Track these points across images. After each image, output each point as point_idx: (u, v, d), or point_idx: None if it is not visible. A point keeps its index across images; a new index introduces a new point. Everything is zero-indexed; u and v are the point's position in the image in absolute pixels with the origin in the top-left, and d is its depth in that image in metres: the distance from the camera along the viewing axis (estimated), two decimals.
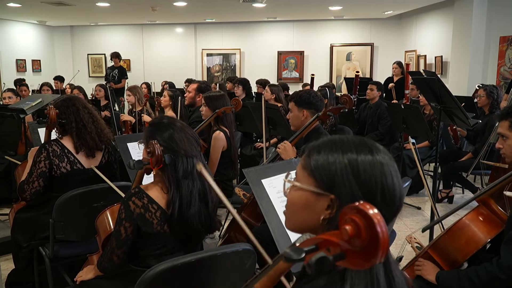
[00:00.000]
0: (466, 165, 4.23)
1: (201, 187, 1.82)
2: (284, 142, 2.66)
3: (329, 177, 0.89)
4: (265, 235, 2.13)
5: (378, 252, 0.70)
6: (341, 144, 0.92)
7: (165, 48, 11.15)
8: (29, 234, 2.50)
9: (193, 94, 4.28)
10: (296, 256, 0.74)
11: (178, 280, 1.57)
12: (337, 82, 10.25)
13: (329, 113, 2.70)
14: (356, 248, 0.72)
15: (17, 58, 10.17)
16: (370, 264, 0.71)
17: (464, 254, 1.86)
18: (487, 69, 6.88)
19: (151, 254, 1.79)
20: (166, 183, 1.76)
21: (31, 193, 2.39)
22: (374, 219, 0.70)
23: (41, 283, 2.57)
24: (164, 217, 1.74)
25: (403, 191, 0.93)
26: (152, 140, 1.76)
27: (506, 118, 1.94)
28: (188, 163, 1.78)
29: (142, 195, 1.75)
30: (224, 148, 3.29)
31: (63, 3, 7.65)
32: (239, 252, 1.65)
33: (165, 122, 1.85)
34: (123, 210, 1.74)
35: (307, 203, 0.92)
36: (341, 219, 0.74)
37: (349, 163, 0.88)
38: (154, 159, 1.77)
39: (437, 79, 3.37)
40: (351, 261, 0.73)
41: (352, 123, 5.25)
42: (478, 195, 1.96)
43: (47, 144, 2.42)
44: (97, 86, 6.47)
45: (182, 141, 1.79)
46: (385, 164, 0.89)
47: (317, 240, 0.77)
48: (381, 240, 0.69)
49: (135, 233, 1.75)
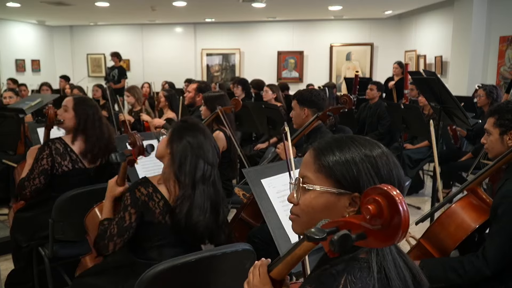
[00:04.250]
0: (466, 165, 4.23)
1: (214, 197, 1.86)
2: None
3: (351, 176, 0.91)
4: (265, 235, 2.13)
5: (399, 231, 0.73)
6: (351, 142, 0.95)
7: (165, 48, 11.14)
8: (29, 233, 2.50)
9: (193, 94, 4.28)
10: (320, 236, 0.77)
11: (178, 279, 1.57)
12: (337, 82, 10.25)
13: (329, 113, 2.69)
14: (377, 227, 0.75)
15: (16, 58, 10.17)
16: (390, 242, 0.75)
17: (454, 241, 1.89)
18: (487, 69, 6.88)
19: (152, 245, 1.81)
20: (181, 179, 1.78)
21: (31, 190, 2.39)
22: (396, 199, 0.73)
23: (41, 283, 2.56)
24: (167, 208, 1.77)
25: (404, 188, 0.99)
26: (179, 135, 1.82)
27: (493, 115, 1.98)
28: (207, 169, 1.83)
29: (148, 184, 1.79)
30: (224, 148, 3.28)
31: (62, 3, 7.64)
32: (239, 252, 1.65)
33: (199, 126, 1.91)
34: (129, 197, 1.77)
35: (328, 204, 0.94)
36: (363, 200, 0.77)
37: (367, 159, 0.92)
38: (136, 150, 1.85)
39: (437, 79, 3.36)
40: (371, 241, 0.77)
41: (352, 123, 5.24)
42: (466, 184, 2.03)
43: (50, 141, 2.42)
44: (94, 86, 6.47)
45: (207, 147, 1.85)
46: (392, 155, 0.95)
47: (338, 222, 0.80)
48: (403, 219, 0.73)
49: (138, 222, 1.78)
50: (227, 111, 3.34)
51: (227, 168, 3.38)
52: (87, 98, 2.61)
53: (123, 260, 1.87)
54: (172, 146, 1.82)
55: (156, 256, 1.81)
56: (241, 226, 2.59)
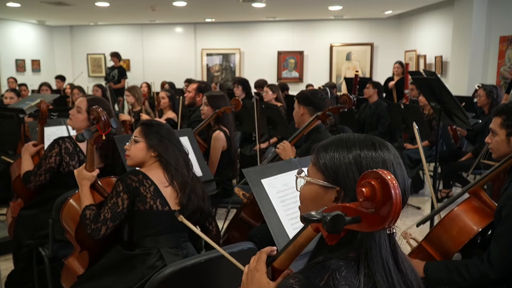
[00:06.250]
0: (466, 165, 4.22)
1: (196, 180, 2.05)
2: (283, 142, 2.65)
3: (334, 171, 0.96)
4: (265, 235, 2.13)
5: (390, 214, 0.76)
6: (347, 141, 1.00)
7: (165, 48, 11.14)
8: (30, 231, 2.51)
9: (193, 94, 4.28)
10: (316, 217, 0.81)
11: (186, 281, 1.58)
12: (337, 82, 10.24)
13: (328, 112, 2.68)
14: (371, 210, 0.78)
15: (16, 58, 10.17)
16: (381, 226, 0.78)
17: (457, 244, 1.88)
18: (487, 69, 6.88)
19: (146, 234, 1.87)
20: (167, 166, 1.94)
21: (35, 185, 2.41)
22: (390, 183, 0.76)
23: (41, 283, 2.56)
24: (157, 193, 1.86)
25: (407, 187, 0.98)
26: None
27: (500, 115, 1.95)
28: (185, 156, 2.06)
29: (137, 172, 1.89)
30: (224, 148, 3.28)
31: (62, 3, 7.64)
32: (245, 251, 1.69)
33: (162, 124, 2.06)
34: (120, 184, 1.84)
35: (317, 196, 1.00)
36: (359, 183, 0.80)
37: (353, 157, 0.96)
38: (101, 124, 1.89)
39: (437, 79, 3.36)
40: (364, 224, 0.80)
41: (352, 123, 5.24)
42: (469, 187, 2.00)
43: (61, 140, 2.42)
44: (94, 86, 6.46)
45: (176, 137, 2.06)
46: (388, 160, 0.96)
47: (336, 207, 0.84)
48: (394, 202, 0.75)
49: (129, 209, 1.85)
50: (227, 111, 3.34)
51: (227, 168, 3.38)
52: (101, 99, 2.59)
53: (117, 258, 1.89)
54: (154, 145, 1.95)
55: (152, 245, 1.86)
56: (241, 226, 2.59)
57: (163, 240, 1.87)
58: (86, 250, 1.99)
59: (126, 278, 1.81)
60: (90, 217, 1.85)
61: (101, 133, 1.85)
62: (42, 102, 2.47)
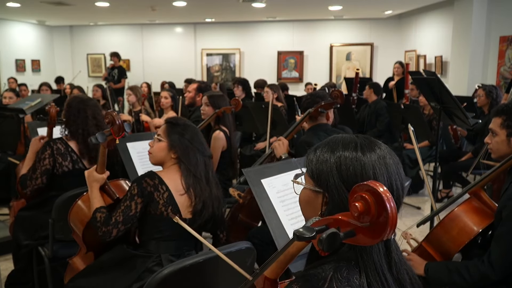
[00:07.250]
0: (466, 165, 4.22)
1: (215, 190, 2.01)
2: (279, 138, 2.63)
3: (318, 174, 0.95)
4: (265, 235, 2.13)
5: (386, 228, 0.74)
6: (333, 143, 0.98)
7: (165, 48, 11.14)
8: (29, 232, 2.50)
9: (193, 94, 4.28)
10: (308, 234, 0.78)
11: (185, 281, 1.59)
12: (337, 82, 10.24)
13: (321, 109, 2.65)
14: (365, 224, 0.75)
15: (16, 58, 10.17)
16: (378, 239, 0.76)
17: (457, 245, 1.88)
18: (487, 69, 6.88)
19: (152, 237, 1.86)
20: (186, 170, 1.90)
21: (32, 190, 2.39)
22: (383, 196, 0.74)
23: (41, 283, 2.56)
24: (170, 200, 1.83)
25: (399, 190, 0.95)
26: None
27: (500, 115, 1.94)
28: (207, 162, 2.01)
29: (153, 176, 1.85)
30: (224, 148, 3.28)
31: (62, 3, 7.64)
32: (243, 250, 1.69)
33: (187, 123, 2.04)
34: (136, 187, 1.82)
35: (309, 200, 0.99)
36: (351, 197, 0.78)
37: (334, 161, 0.94)
38: (115, 128, 1.86)
39: (437, 79, 3.36)
40: (360, 238, 0.77)
41: (352, 123, 5.24)
42: (469, 187, 1.99)
43: (52, 141, 2.43)
44: (94, 86, 6.47)
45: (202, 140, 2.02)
46: (368, 163, 0.92)
47: (327, 220, 0.81)
48: (390, 216, 0.73)
49: (141, 213, 1.83)
50: (227, 111, 3.34)
51: (227, 168, 3.38)
52: (80, 101, 2.51)
53: (119, 256, 1.89)
54: (175, 147, 1.91)
55: (154, 249, 1.86)
56: (240, 227, 2.59)
57: (166, 246, 1.86)
58: (92, 251, 1.99)
59: (124, 276, 1.81)
60: (101, 220, 1.83)
61: (115, 137, 1.83)
62: (52, 107, 2.45)
